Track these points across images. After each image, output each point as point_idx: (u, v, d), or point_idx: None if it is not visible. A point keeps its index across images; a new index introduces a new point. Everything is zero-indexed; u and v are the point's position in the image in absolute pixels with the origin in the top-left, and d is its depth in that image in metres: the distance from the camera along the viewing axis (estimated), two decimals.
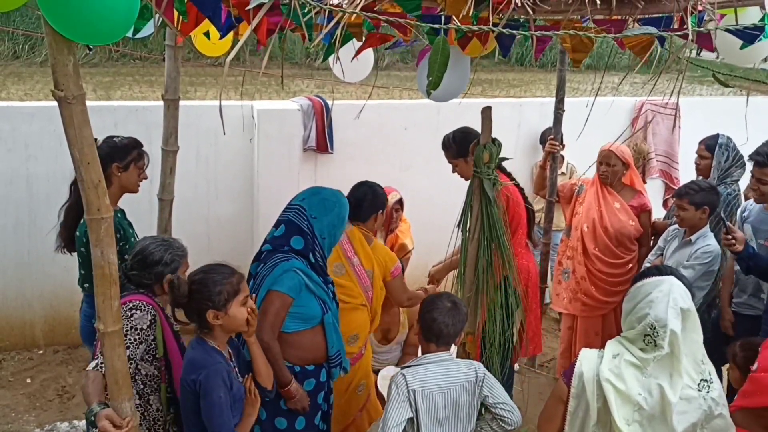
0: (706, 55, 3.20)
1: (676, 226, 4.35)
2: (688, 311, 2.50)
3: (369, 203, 3.82)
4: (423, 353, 2.98)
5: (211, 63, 14.16)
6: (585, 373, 2.55)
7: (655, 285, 2.55)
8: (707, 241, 4.14)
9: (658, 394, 2.44)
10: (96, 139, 3.51)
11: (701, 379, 2.49)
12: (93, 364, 2.70)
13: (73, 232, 3.46)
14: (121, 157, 3.53)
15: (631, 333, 2.55)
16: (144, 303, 2.85)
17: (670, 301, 2.48)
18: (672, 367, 2.47)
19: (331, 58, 4.01)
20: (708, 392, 2.48)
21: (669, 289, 2.52)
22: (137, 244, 3.02)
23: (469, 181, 3.56)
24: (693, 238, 4.19)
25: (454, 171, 4.35)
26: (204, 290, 2.69)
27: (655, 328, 2.46)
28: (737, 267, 4.09)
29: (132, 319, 2.77)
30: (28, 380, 4.91)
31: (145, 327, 2.80)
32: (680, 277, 2.61)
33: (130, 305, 2.79)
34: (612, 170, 4.70)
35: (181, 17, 2.77)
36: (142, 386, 2.80)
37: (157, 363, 2.85)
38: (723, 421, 2.48)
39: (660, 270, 2.65)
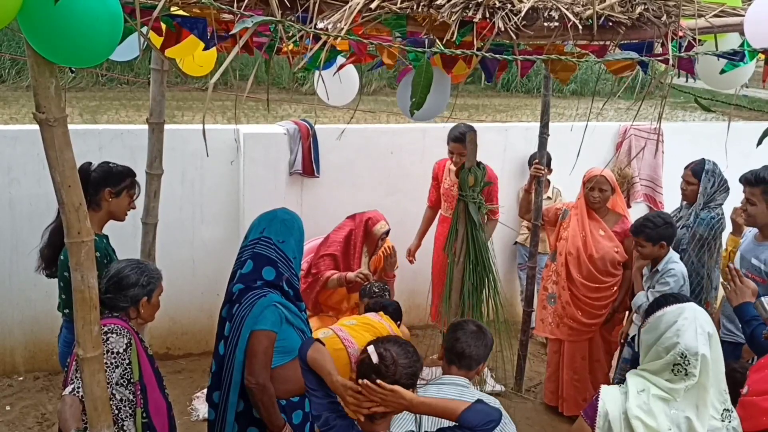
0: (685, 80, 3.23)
1: None
2: (713, 337, 2.48)
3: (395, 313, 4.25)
4: (444, 374, 2.88)
5: (198, 87, 14.23)
6: (611, 412, 2.47)
7: (679, 312, 2.49)
8: (670, 266, 4.25)
9: (686, 428, 2.40)
10: (91, 163, 3.53)
11: (724, 409, 2.46)
12: (69, 388, 2.65)
13: (56, 253, 3.43)
14: (114, 183, 3.53)
15: (657, 364, 2.48)
16: (119, 327, 2.81)
17: (697, 327, 2.44)
18: (698, 397, 2.43)
19: (316, 83, 4.04)
20: (730, 422, 2.46)
21: (694, 315, 2.48)
22: (111, 267, 2.99)
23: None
24: (659, 267, 4.28)
25: None
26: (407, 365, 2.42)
27: (686, 357, 2.40)
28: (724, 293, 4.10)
29: (108, 342, 2.73)
30: (8, 407, 4.82)
31: (120, 351, 2.76)
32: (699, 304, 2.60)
33: (106, 329, 2.75)
34: (603, 195, 4.74)
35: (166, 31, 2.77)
36: (116, 411, 2.74)
37: (132, 387, 2.81)
38: None
39: (677, 298, 2.61)
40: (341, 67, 3.20)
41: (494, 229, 5.53)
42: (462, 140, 5.16)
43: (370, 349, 2.38)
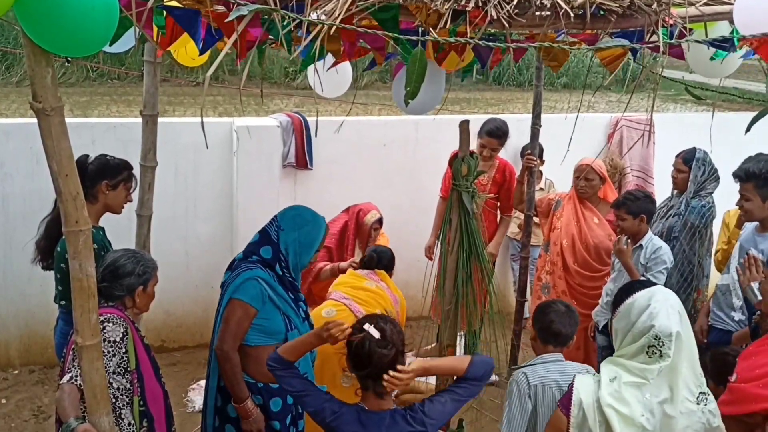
0: (676, 73, 3.26)
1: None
2: (683, 317, 2.53)
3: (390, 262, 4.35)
4: (539, 355, 3.06)
5: (189, 83, 14.20)
6: (584, 401, 2.52)
7: (650, 296, 2.54)
8: (656, 242, 4.31)
9: (659, 413, 2.43)
10: (88, 156, 3.54)
11: (700, 392, 2.49)
12: (67, 377, 2.67)
13: (53, 245, 3.44)
14: (111, 175, 3.54)
15: (632, 348, 2.52)
16: (116, 316, 2.83)
17: (669, 308, 2.50)
18: (671, 380, 2.46)
19: (310, 74, 4.04)
20: (706, 405, 2.48)
21: (665, 297, 2.54)
22: (107, 256, 3.01)
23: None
24: (643, 242, 4.31)
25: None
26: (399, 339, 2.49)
27: (659, 339, 2.44)
28: (720, 282, 4.15)
29: (104, 331, 2.74)
30: (3, 400, 4.83)
31: (117, 339, 2.78)
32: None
33: (102, 318, 2.76)
34: (590, 184, 4.79)
35: (159, 31, 2.78)
36: (113, 400, 2.75)
37: (129, 376, 2.83)
38: None
39: (644, 284, 2.66)
40: (336, 63, 3.21)
41: (508, 226, 5.56)
42: (497, 135, 5.20)
43: (368, 326, 2.45)
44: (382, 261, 4.24)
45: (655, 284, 2.66)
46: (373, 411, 2.47)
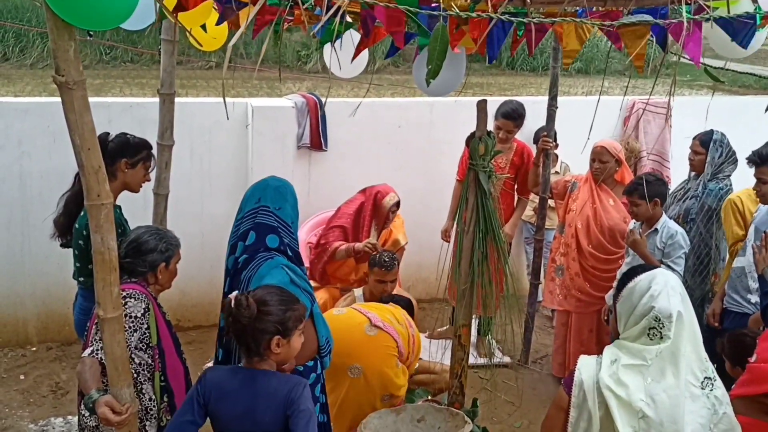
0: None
1: (635, 222, 4.51)
2: (685, 298, 2.53)
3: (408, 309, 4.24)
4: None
5: (202, 66, 14.22)
6: (585, 382, 2.52)
7: (650, 279, 2.55)
8: (671, 227, 4.31)
9: (661, 398, 2.42)
10: (108, 134, 3.55)
11: (705, 377, 2.48)
12: (88, 350, 2.70)
13: (71, 222, 3.46)
14: (131, 154, 3.55)
15: (634, 331, 2.52)
16: (137, 292, 2.85)
17: (669, 290, 2.50)
18: (673, 362, 2.45)
19: (326, 55, 4.03)
20: (711, 390, 2.47)
21: (665, 280, 2.54)
22: (131, 232, 3.03)
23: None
24: (658, 226, 4.32)
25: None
26: (275, 312, 2.50)
27: (660, 320, 2.44)
28: (735, 265, 4.13)
29: (126, 307, 2.76)
30: (22, 377, 4.89)
31: (139, 315, 2.80)
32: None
33: (124, 294, 2.78)
34: (604, 166, 4.77)
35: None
36: (135, 375, 2.79)
37: (150, 351, 2.86)
38: (728, 419, 2.47)
39: (645, 268, 2.67)
40: (358, 51, 3.17)
41: (525, 208, 5.56)
42: (513, 117, 5.18)
43: (232, 294, 2.49)
44: (399, 304, 4.15)
45: (657, 267, 2.65)
46: (245, 367, 2.54)
